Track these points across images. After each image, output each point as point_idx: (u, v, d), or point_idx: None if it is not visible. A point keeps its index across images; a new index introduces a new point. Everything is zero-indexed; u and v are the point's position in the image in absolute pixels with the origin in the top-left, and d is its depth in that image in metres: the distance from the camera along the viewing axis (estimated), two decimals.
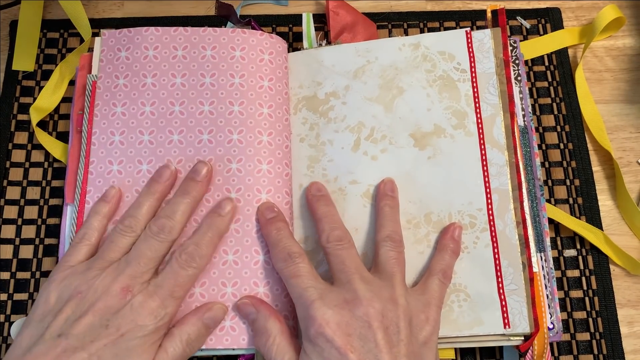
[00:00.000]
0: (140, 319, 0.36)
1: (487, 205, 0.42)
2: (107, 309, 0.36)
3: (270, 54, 0.46)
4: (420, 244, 0.42)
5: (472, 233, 0.42)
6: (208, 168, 0.41)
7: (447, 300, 0.41)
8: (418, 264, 0.42)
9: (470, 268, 0.42)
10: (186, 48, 0.46)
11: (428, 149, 0.44)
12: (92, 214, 0.41)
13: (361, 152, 0.44)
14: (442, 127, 0.44)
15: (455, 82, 0.45)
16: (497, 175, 0.43)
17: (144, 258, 0.38)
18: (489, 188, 0.43)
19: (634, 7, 0.54)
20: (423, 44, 0.46)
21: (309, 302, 0.36)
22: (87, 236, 0.40)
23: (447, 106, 0.45)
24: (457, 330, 0.40)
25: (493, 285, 0.41)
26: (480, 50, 0.46)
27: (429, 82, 0.45)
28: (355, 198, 0.43)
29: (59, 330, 0.35)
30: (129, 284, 0.37)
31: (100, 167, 0.43)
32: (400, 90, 0.46)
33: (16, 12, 0.53)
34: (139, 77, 0.45)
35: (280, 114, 0.45)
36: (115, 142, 0.43)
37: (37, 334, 0.36)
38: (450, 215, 0.43)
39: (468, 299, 0.41)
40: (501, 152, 0.43)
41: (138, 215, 0.40)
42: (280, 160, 0.44)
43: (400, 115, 0.45)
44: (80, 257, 0.39)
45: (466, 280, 0.41)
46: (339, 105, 0.46)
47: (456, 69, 0.46)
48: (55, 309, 0.36)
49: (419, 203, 0.43)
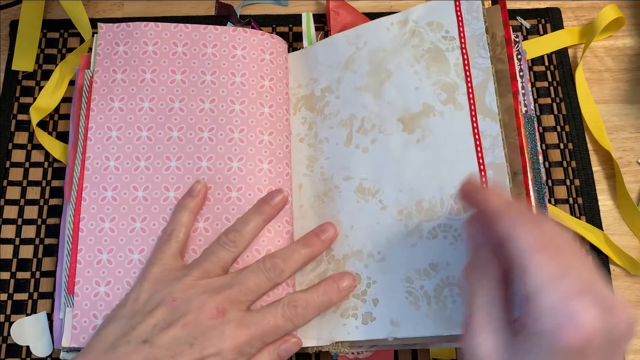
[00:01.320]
0: (225, 349, 0.35)
1: (482, 184, 0.39)
2: (196, 324, 0.36)
3: (271, 54, 0.46)
4: (412, 236, 0.40)
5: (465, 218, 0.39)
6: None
7: (441, 295, 0.38)
8: (410, 258, 0.40)
9: (463, 257, 0.38)
10: (186, 45, 0.45)
11: (417, 132, 0.42)
12: (179, 209, 0.41)
13: (353, 146, 0.43)
14: (431, 105, 0.42)
15: (443, 53, 0.42)
16: (491, 147, 0.39)
17: (247, 288, 0.38)
18: (482, 164, 0.39)
19: (634, 7, 0.54)
20: (411, 19, 0.44)
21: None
22: (175, 232, 0.40)
23: (435, 81, 0.42)
24: (451, 329, 0.37)
25: None
26: (469, 11, 0.42)
27: (417, 58, 0.43)
28: (348, 194, 0.42)
29: (145, 336, 0.35)
30: (226, 307, 0.37)
31: (96, 163, 0.43)
32: (389, 74, 0.44)
33: (16, 12, 0.53)
34: (138, 72, 0.44)
35: (280, 113, 0.45)
36: (113, 138, 0.43)
37: (122, 332, 0.36)
38: (442, 200, 0.40)
39: (461, 294, 0.38)
40: (494, 121, 0.39)
41: (243, 232, 0.40)
42: (281, 160, 0.44)
43: (388, 100, 0.43)
44: (171, 255, 0.39)
45: (459, 272, 0.38)
46: (332, 100, 0.45)
47: (444, 37, 0.43)
48: (145, 310, 0.37)
49: (409, 192, 0.41)
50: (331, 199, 0.43)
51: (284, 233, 0.42)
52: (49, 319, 0.43)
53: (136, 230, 0.41)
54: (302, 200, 0.44)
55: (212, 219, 0.42)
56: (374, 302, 0.40)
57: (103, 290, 0.40)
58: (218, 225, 0.42)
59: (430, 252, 0.39)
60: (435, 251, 0.39)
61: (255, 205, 0.41)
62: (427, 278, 0.39)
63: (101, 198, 0.42)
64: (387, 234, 0.41)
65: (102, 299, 0.40)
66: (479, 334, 0.29)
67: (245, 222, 0.40)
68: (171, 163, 0.43)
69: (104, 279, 0.41)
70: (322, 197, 0.44)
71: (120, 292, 0.40)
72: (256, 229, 0.41)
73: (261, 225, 0.41)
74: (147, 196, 0.42)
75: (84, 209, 0.42)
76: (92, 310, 0.40)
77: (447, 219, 0.40)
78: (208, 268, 0.39)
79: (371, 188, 0.42)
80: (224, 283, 0.38)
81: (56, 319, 0.41)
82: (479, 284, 0.31)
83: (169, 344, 0.35)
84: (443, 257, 0.39)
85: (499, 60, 0.41)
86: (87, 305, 0.40)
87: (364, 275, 0.40)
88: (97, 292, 0.40)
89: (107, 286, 0.40)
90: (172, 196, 0.42)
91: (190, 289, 0.37)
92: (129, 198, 0.42)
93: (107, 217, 0.42)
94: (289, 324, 0.38)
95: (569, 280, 0.26)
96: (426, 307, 0.38)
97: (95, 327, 0.39)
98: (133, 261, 0.41)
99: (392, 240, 0.41)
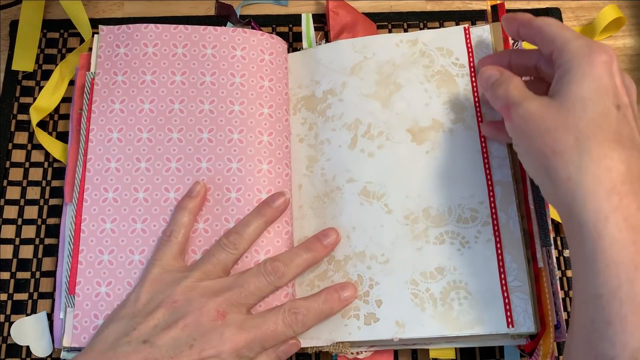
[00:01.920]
0: (225, 351, 0.36)
1: (489, 197, 0.41)
2: (196, 326, 0.36)
3: (271, 54, 0.46)
4: (418, 240, 0.41)
5: (474, 227, 0.41)
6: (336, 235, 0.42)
7: (447, 298, 0.39)
8: (416, 261, 0.41)
9: (471, 264, 0.40)
10: (186, 46, 0.45)
11: (426, 144, 0.43)
12: (178, 210, 0.41)
13: (358, 150, 0.44)
14: (441, 122, 0.43)
15: (453, 77, 0.44)
16: (499, 167, 0.42)
17: (248, 291, 0.38)
18: (490, 180, 0.41)
19: (634, 7, 0.54)
20: (421, 40, 0.46)
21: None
22: (174, 233, 0.40)
23: (445, 101, 0.44)
24: (457, 330, 0.39)
25: (495, 282, 0.39)
26: (479, 46, 0.45)
27: (427, 77, 0.45)
28: (352, 196, 0.43)
29: (146, 336, 0.36)
30: (226, 309, 0.37)
31: (98, 164, 0.43)
32: (398, 86, 0.45)
33: (16, 12, 0.53)
34: (138, 74, 0.45)
35: (280, 114, 0.45)
36: (114, 140, 0.43)
37: (123, 332, 0.36)
38: (450, 209, 0.41)
39: (469, 297, 0.39)
40: (502, 145, 0.42)
41: (244, 234, 0.40)
42: (281, 160, 0.44)
43: (397, 111, 0.44)
44: (171, 256, 0.39)
45: (467, 277, 0.40)
46: (336, 102, 0.45)
47: (454, 64, 0.45)
48: (146, 311, 0.37)
49: (417, 198, 0.42)
50: (332, 200, 0.43)
51: (283, 233, 0.42)
52: (49, 319, 0.44)
53: (137, 231, 0.42)
54: (301, 201, 0.44)
55: (212, 219, 0.42)
56: (377, 304, 0.40)
57: (104, 291, 0.40)
58: (217, 226, 0.42)
59: (437, 257, 0.41)
60: (442, 256, 0.41)
61: (257, 207, 0.41)
62: (433, 281, 0.40)
63: (102, 199, 0.42)
64: (391, 237, 0.41)
65: (103, 299, 0.40)
66: (523, 101, 0.35)
67: (246, 224, 0.40)
68: (171, 164, 0.43)
69: (105, 279, 0.41)
70: (322, 197, 0.44)
71: (121, 292, 0.40)
72: (257, 232, 0.41)
73: (262, 227, 0.41)
74: (148, 197, 0.42)
75: (85, 210, 0.42)
76: (93, 311, 0.40)
77: (455, 226, 0.41)
78: (208, 270, 0.39)
79: (376, 192, 0.43)
80: (224, 285, 0.38)
81: (56, 319, 0.42)
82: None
83: (168, 344, 0.35)
84: (450, 262, 0.40)
85: None
86: (88, 305, 0.40)
87: (366, 277, 0.41)
88: (98, 292, 0.41)
89: (108, 287, 0.41)
90: (173, 197, 0.42)
91: (191, 291, 0.37)
92: (129, 199, 0.42)
93: (108, 218, 0.42)
94: (289, 330, 0.38)
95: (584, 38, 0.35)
96: (432, 308, 0.39)
97: (96, 327, 0.39)
98: (134, 262, 0.41)
99: (397, 243, 0.41)
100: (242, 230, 0.40)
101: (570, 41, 0.35)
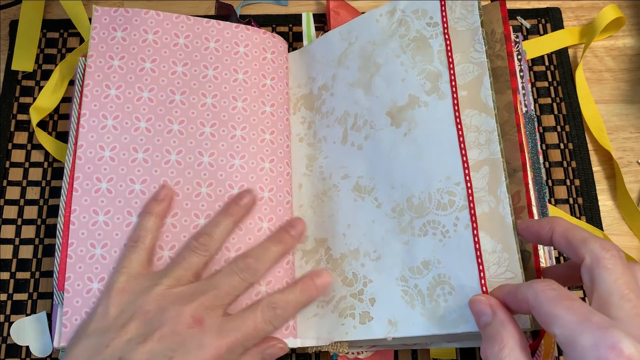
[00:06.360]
0: (206, 359, 0.34)
1: (465, 177, 0.37)
2: (173, 336, 0.34)
3: (273, 53, 0.46)
4: (404, 234, 0.39)
5: (452, 213, 0.37)
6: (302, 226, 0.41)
7: (434, 294, 0.37)
8: (404, 257, 0.39)
9: (452, 255, 0.37)
10: (188, 37, 0.44)
11: (403, 125, 0.41)
12: (144, 215, 0.39)
13: (349, 144, 0.43)
14: (416, 97, 0.41)
15: (427, 40, 0.42)
16: (487, 143, 0.37)
17: (223, 292, 0.36)
18: (465, 156, 0.38)
19: (634, 7, 0.54)
20: (399, 8, 0.44)
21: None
22: (141, 239, 0.38)
23: (420, 70, 0.41)
24: (444, 329, 0.36)
25: (475, 274, 0.36)
26: (464, 5, 0.41)
27: (403, 48, 0.43)
28: (346, 193, 0.42)
29: (120, 353, 0.33)
30: (202, 315, 0.35)
31: (89, 152, 0.41)
32: (378, 67, 0.43)
33: (16, 12, 0.53)
34: (137, 60, 0.43)
35: (281, 113, 0.45)
36: (108, 127, 0.41)
37: (95, 350, 0.34)
38: (430, 195, 0.38)
39: (453, 292, 0.36)
40: (489, 116, 0.38)
41: (214, 235, 0.39)
42: (282, 159, 0.44)
43: (377, 94, 0.43)
44: (139, 263, 0.38)
45: (449, 270, 0.37)
46: (328, 97, 0.45)
47: (428, 24, 0.42)
48: (117, 325, 0.34)
49: (400, 188, 0.40)
50: (330, 198, 0.43)
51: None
52: (48, 319, 0.43)
53: (132, 225, 0.40)
54: (302, 200, 0.44)
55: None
56: (371, 302, 0.39)
57: (96, 287, 0.38)
58: None
59: (421, 250, 0.38)
60: (426, 249, 0.38)
61: (224, 207, 0.40)
62: (420, 276, 0.38)
63: (95, 190, 0.40)
64: (382, 232, 0.40)
65: (95, 296, 0.38)
66: None
67: (215, 224, 0.39)
68: (171, 156, 0.42)
69: (97, 275, 0.38)
70: (321, 196, 0.44)
71: None
72: (226, 231, 0.39)
73: (231, 227, 0.40)
74: (145, 190, 0.41)
75: (75, 200, 0.40)
76: (84, 308, 0.38)
77: (435, 214, 0.38)
78: (179, 275, 0.37)
79: (367, 186, 0.42)
80: (197, 290, 0.36)
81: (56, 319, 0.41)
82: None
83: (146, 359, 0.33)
84: (434, 254, 0.38)
85: (498, 57, 0.41)
86: (79, 302, 0.38)
87: (360, 275, 0.40)
88: (90, 289, 0.38)
89: (101, 283, 0.38)
90: None
91: (163, 299, 0.35)
92: (125, 191, 0.40)
93: (101, 209, 0.40)
94: (269, 326, 0.36)
95: (597, 317, 0.27)
96: (420, 306, 0.38)
97: None
98: None
99: (387, 238, 0.40)
100: (212, 231, 0.39)
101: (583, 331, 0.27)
